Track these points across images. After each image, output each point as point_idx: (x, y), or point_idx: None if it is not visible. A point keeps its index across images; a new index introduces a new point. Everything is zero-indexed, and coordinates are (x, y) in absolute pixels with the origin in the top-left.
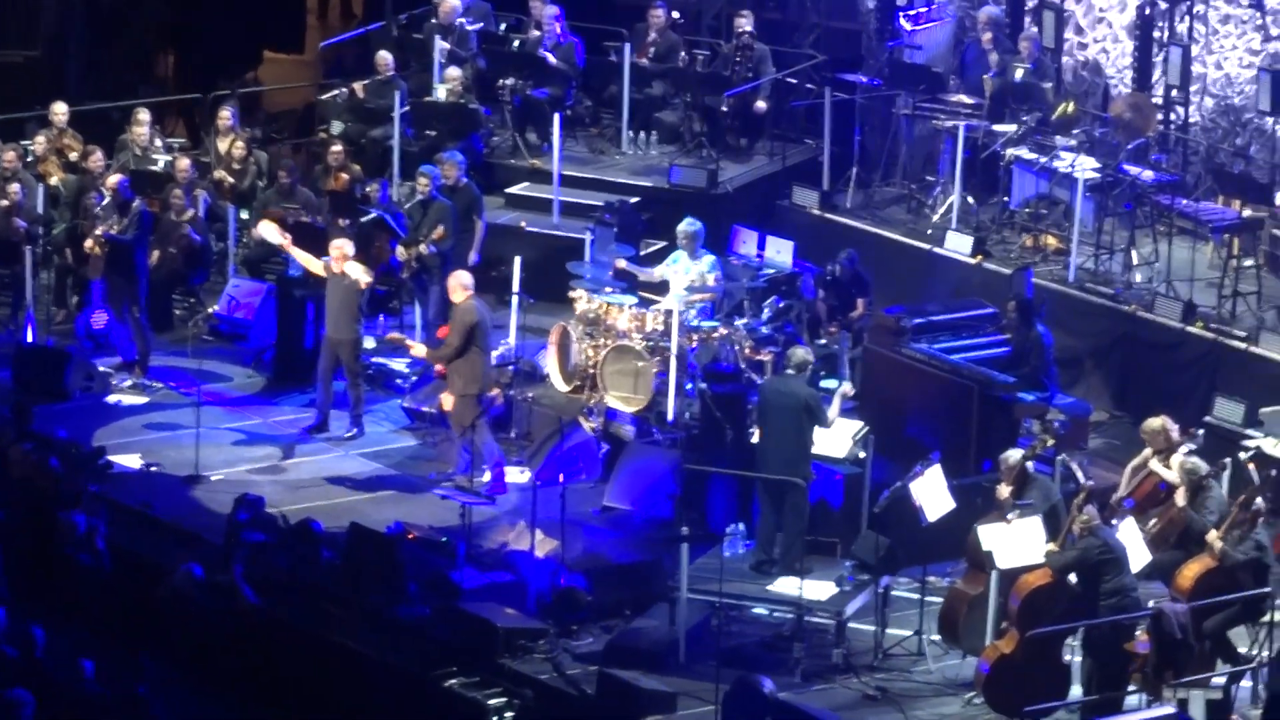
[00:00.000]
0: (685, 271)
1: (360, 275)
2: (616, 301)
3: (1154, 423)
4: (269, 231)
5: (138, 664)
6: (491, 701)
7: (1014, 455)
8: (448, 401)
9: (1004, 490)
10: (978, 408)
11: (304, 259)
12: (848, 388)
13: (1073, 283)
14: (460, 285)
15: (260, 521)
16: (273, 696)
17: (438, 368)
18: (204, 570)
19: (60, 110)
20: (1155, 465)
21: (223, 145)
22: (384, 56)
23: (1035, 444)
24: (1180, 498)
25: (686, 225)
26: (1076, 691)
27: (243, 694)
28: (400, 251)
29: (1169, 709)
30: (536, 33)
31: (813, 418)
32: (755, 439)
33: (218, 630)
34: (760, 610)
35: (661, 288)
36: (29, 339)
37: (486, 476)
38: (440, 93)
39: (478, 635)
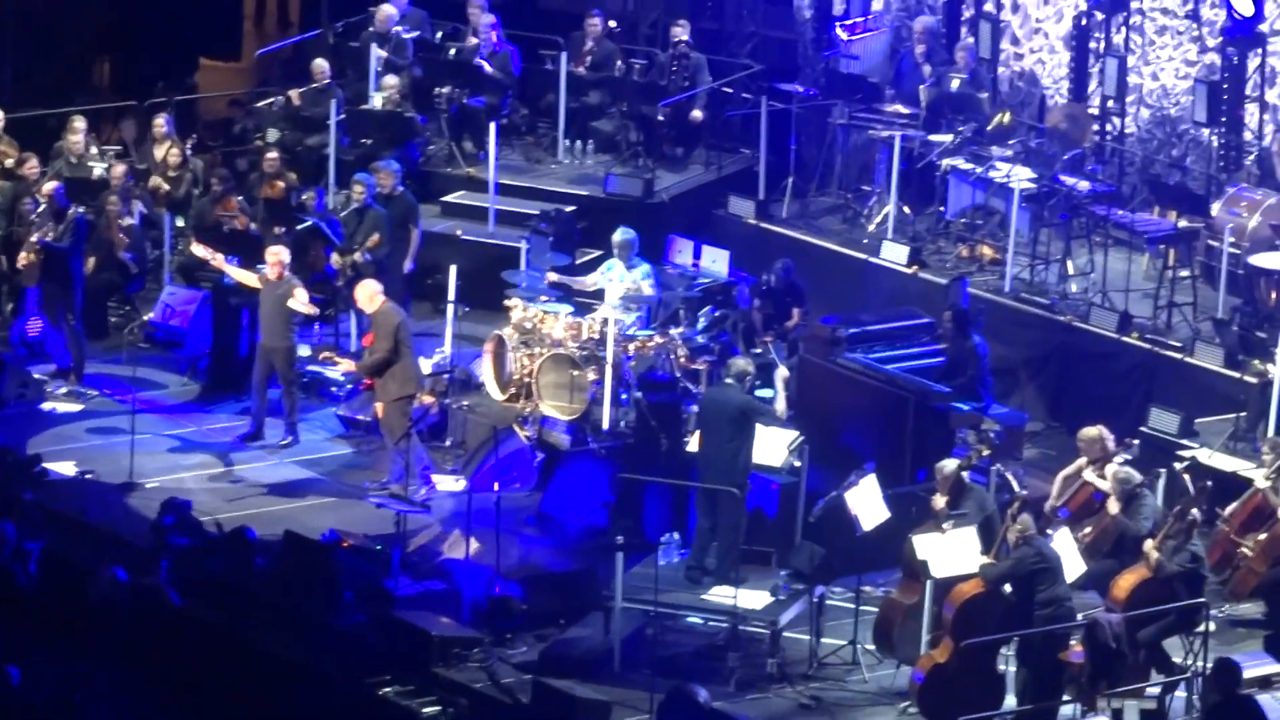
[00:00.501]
0: (620, 280)
1: (301, 307)
2: (552, 310)
3: (1090, 432)
4: (202, 251)
5: (74, 671)
6: (426, 710)
7: (949, 465)
8: (380, 409)
9: (939, 500)
10: (913, 417)
11: (238, 275)
12: (784, 371)
13: (1008, 293)
14: (371, 293)
15: (185, 525)
16: (207, 703)
17: (366, 380)
18: (128, 573)
19: None
20: (1089, 475)
21: (159, 153)
22: (320, 64)
23: (971, 454)
24: (1113, 506)
25: (620, 235)
26: (1011, 701)
27: (177, 700)
28: (336, 259)
29: (1103, 719)
30: (473, 40)
31: (754, 418)
32: (692, 448)
33: (142, 633)
34: (695, 619)
35: (597, 296)
36: None
37: (423, 491)
38: (376, 101)
39: (412, 643)
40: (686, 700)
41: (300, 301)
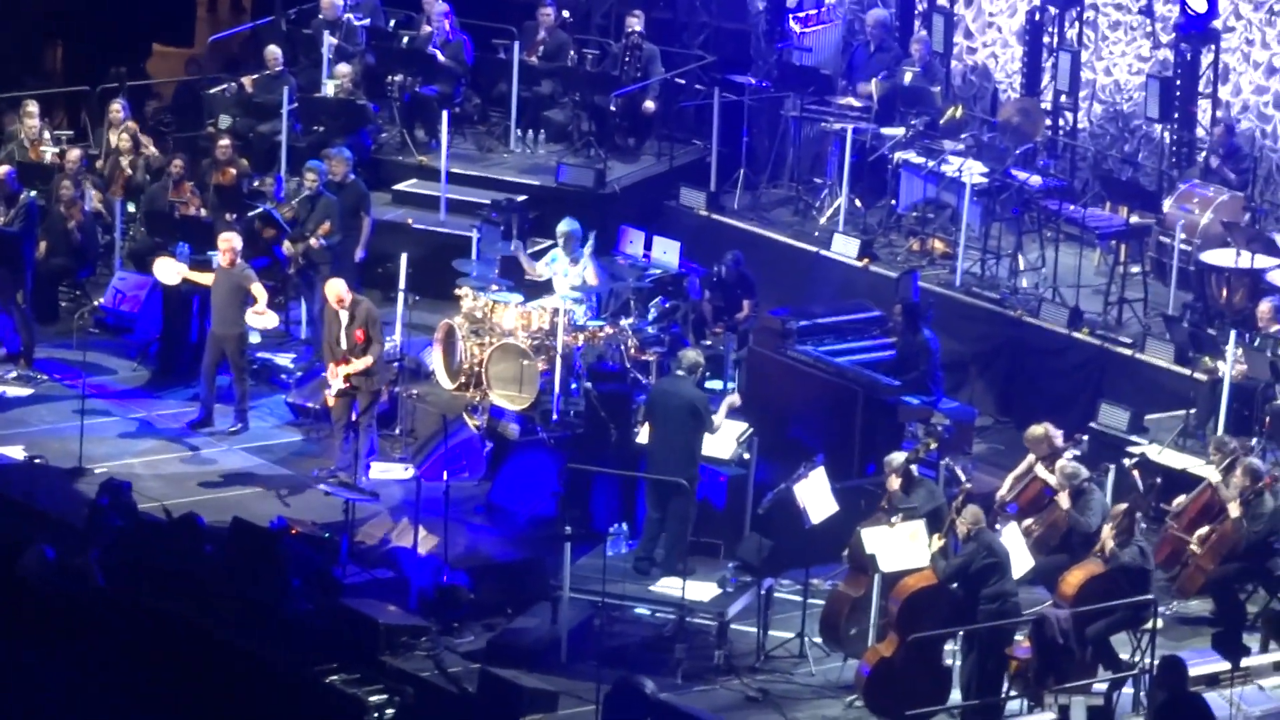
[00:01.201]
0: (565, 274)
1: (266, 323)
2: (502, 300)
3: (1036, 430)
4: (166, 273)
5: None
6: (372, 699)
7: (898, 458)
8: (331, 398)
9: (894, 481)
10: (862, 411)
11: (198, 278)
12: (735, 399)
13: (959, 287)
14: (341, 290)
15: (121, 506)
16: (152, 689)
17: (347, 371)
18: (56, 552)
19: None
20: (1040, 470)
21: (113, 138)
22: (273, 51)
23: (919, 447)
24: (1064, 500)
25: (565, 225)
26: (956, 696)
27: (121, 685)
28: (287, 247)
29: (1050, 715)
30: (427, 29)
31: (699, 422)
32: (642, 439)
33: (68, 612)
34: (642, 610)
35: (545, 286)
36: None
37: (364, 479)
38: (329, 88)
39: (359, 632)
40: (633, 691)
41: (260, 314)
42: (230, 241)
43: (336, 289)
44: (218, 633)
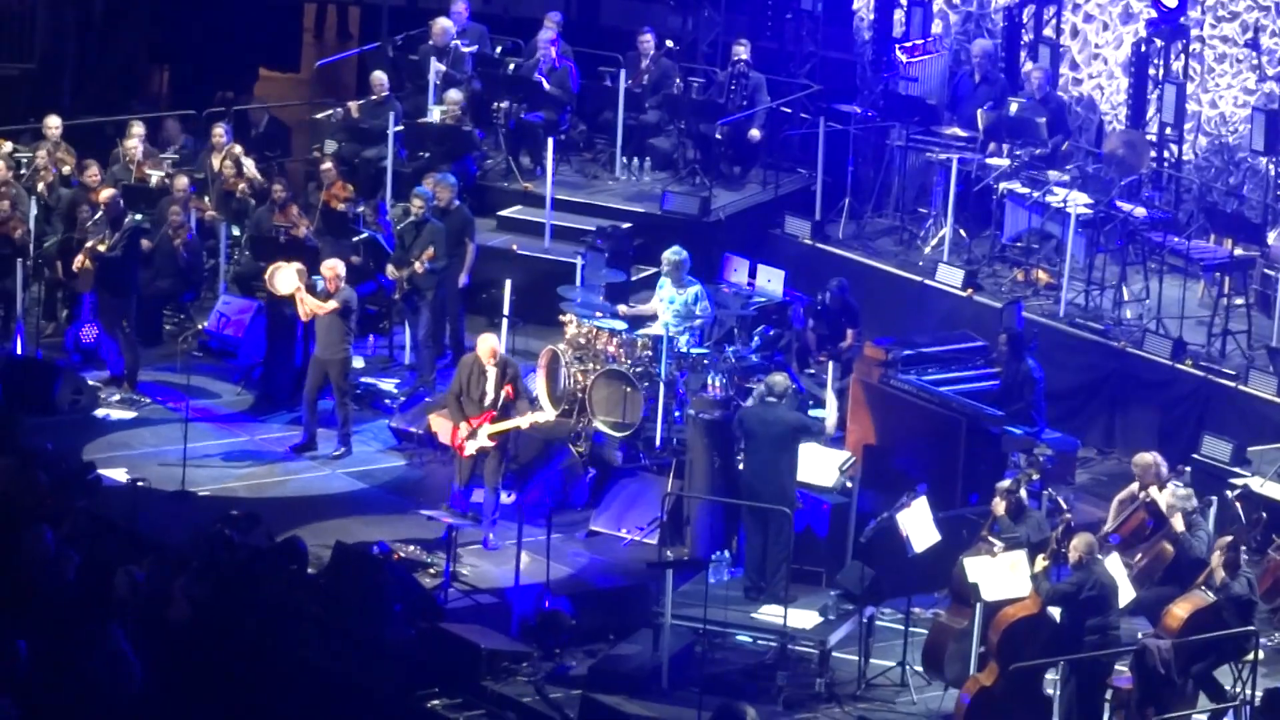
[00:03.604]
0: (670, 301)
1: (318, 306)
2: (606, 326)
3: (1145, 457)
4: (285, 281)
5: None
6: None
7: (1004, 484)
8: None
9: (1000, 506)
10: (965, 440)
11: (316, 306)
12: (831, 399)
13: (1063, 318)
14: (495, 345)
15: (243, 540)
16: (255, 716)
17: (510, 425)
18: (145, 576)
19: (54, 124)
20: (1153, 491)
21: (215, 162)
22: (379, 77)
23: (1020, 476)
24: (1178, 524)
25: (672, 254)
26: None
27: (226, 712)
28: (391, 271)
29: None
30: (536, 56)
31: (806, 435)
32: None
33: (150, 636)
34: (744, 638)
35: (651, 317)
36: (18, 351)
37: (491, 537)
38: (435, 114)
39: (461, 657)
40: (734, 718)
41: (320, 302)
42: (335, 268)
43: (490, 343)
44: (318, 658)
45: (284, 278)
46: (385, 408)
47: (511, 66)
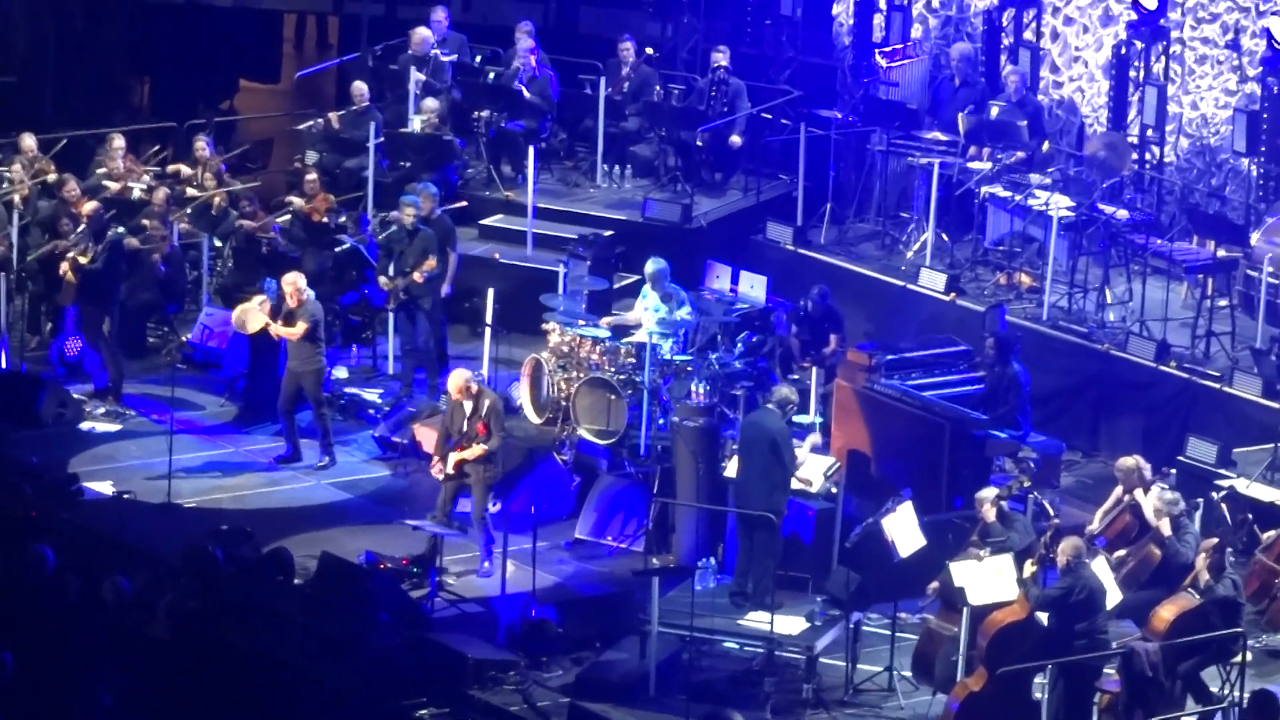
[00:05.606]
0: (655, 310)
1: (294, 331)
2: (589, 334)
3: (1127, 461)
4: (255, 322)
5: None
6: None
7: (991, 492)
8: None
9: (990, 513)
10: (950, 445)
11: (283, 332)
12: (816, 437)
13: (1046, 321)
14: (465, 381)
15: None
16: None
17: (460, 457)
18: (132, 585)
19: (29, 144)
20: (1139, 495)
21: (197, 174)
22: (359, 87)
23: (1011, 484)
24: (1166, 528)
25: (651, 265)
26: None
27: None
28: (385, 282)
29: None
30: (514, 65)
31: (778, 455)
32: (730, 473)
33: (131, 647)
34: (731, 644)
35: (635, 325)
36: (3, 365)
37: (486, 565)
38: (415, 124)
39: (448, 666)
40: None
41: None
42: (295, 281)
43: (458, 380)
44: (305, 667)
45: (252, 319)
46: (370, 418)
47: (491, 75)
